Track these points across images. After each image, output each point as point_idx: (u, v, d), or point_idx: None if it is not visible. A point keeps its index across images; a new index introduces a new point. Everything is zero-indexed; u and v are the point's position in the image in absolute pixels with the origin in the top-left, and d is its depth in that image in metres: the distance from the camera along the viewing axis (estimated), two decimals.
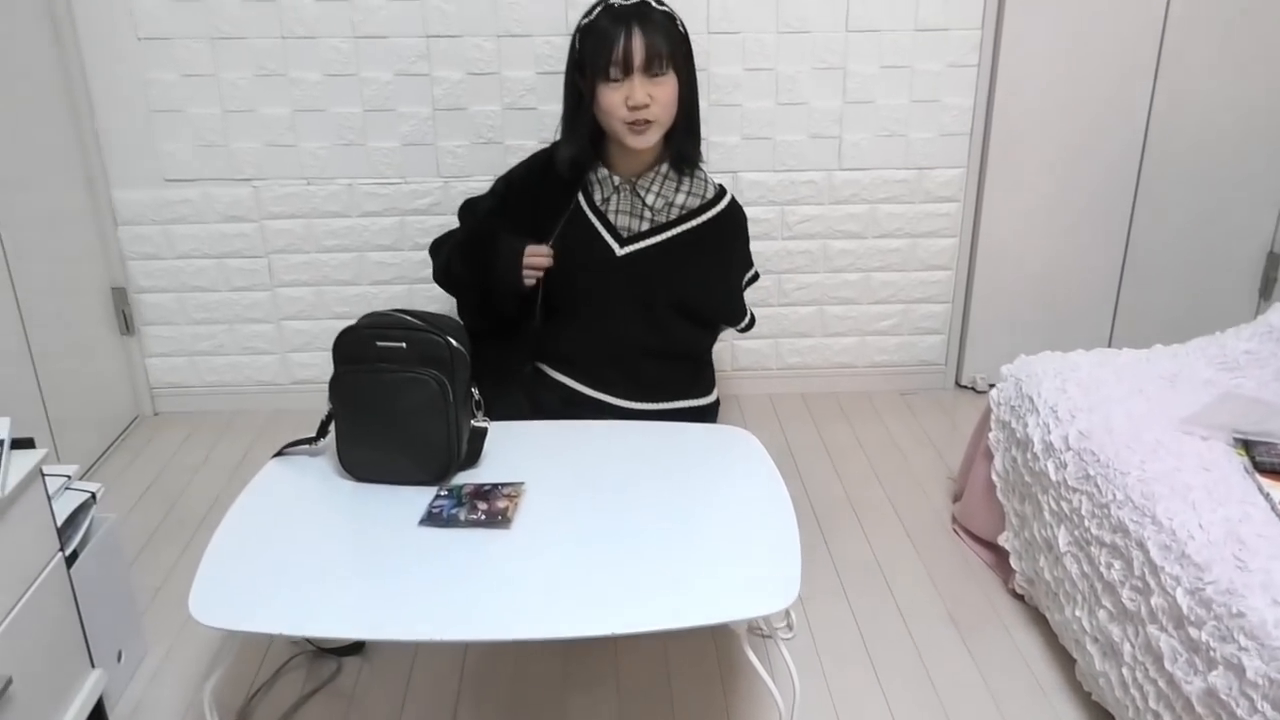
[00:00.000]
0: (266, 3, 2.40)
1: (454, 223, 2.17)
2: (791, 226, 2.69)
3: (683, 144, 1.96)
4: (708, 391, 2.12)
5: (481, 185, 2.45)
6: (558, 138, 1.99)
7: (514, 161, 2.30)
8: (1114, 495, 1.57)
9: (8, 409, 2.13)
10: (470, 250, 2.00)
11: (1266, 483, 1.49)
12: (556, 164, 1.98)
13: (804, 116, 2.58)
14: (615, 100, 1.85)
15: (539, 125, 2.53)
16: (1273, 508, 1.43)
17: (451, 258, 2.03)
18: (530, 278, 1.92)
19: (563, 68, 2.43)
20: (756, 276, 2.17)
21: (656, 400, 2.05)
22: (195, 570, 1.37)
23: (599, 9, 1.88)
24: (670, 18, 1.88)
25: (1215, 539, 1.39)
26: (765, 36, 2.50)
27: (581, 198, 2.00)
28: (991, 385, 2.84)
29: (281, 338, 2.72)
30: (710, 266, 2.04)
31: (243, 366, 2.74)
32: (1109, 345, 2.85)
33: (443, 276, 2.07)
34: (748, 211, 2.11)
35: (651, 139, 1.89)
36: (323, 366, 2.74)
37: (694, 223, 2.01)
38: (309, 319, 2.70)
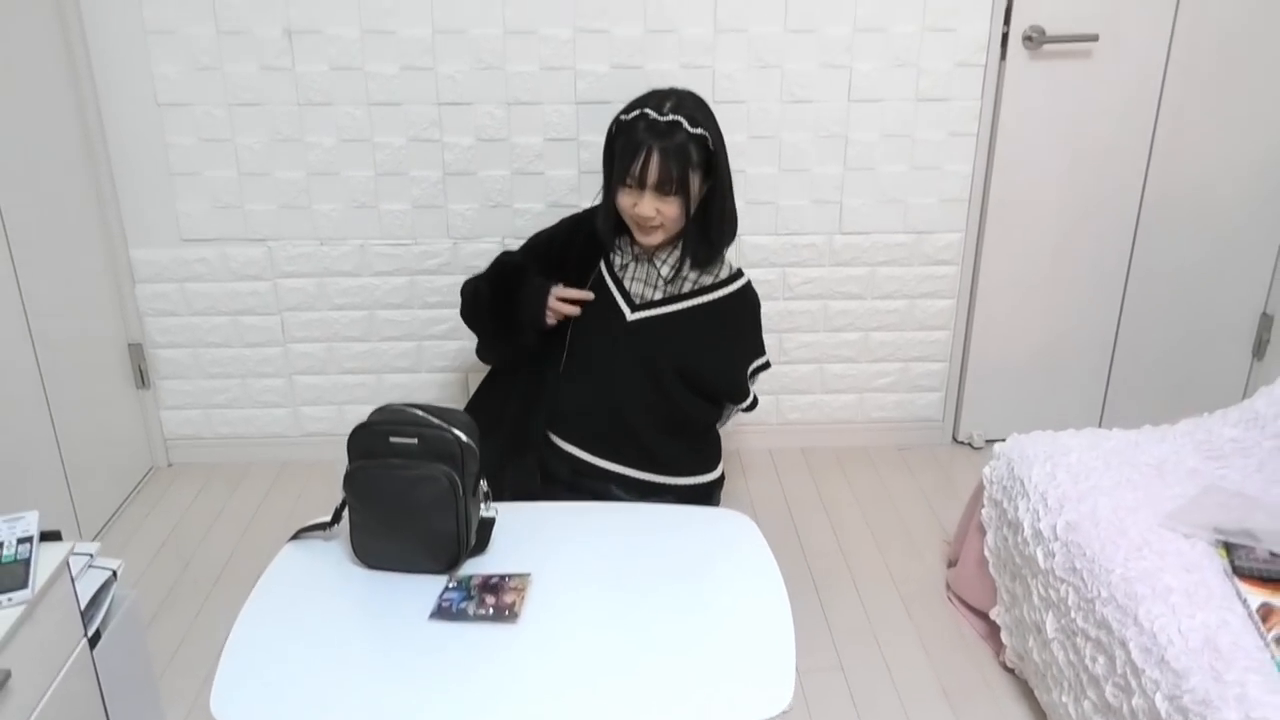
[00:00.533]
0: (283, 71, 2.46)
1: (461, 283, 2.28)
2: (793, 287, 2.75)
3: (696, 247, 2.07)
4: (713, 467, 2.20)
5: (491, 246, 2.53)
6: (597, 202, 2.14)
7: (521, 224, 2.40)
8: (1099, 591, 1.63)
9: (26, 462, 2.21)
10: (500, 278, 2.17)
11: (1245, 588, 1.55)
12: (593, 228, 2.13)
13: (806, 182, 2.64)
14: (627, 203, 2.01)
15: (546, 189, 2.60)
16: (1250, 616, 1.49)
17: (480, 285, 2.18)
18: (553, 316, 2.07)
19: (569, 135, 2.54)
20: (767, 365, 2.26)
21: (662, 473, 2.13)
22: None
23: (636, 114, 2.01)
24: (700, 140, 1.99)
25: (1193, 646, 1.44)
26: (769, 106, 2.56)
27: (603, 263, 2.11)
28: (988, 441, 2.94)
29: (293, 392, 2.78)
30: (716, 341, 2.13)
31: (255, 419, 2.81)
32: (1104, 404, 2.93)
33: (469, 307, 2.21)
34: (750, 273, 2.20)
35: (657, 239, 2.04)
36: (332, 419, 2.81)
37: (706, 298, 2.11)
38: (319, 374, 2.77)
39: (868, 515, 2.62)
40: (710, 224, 2.08)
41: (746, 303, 2.18)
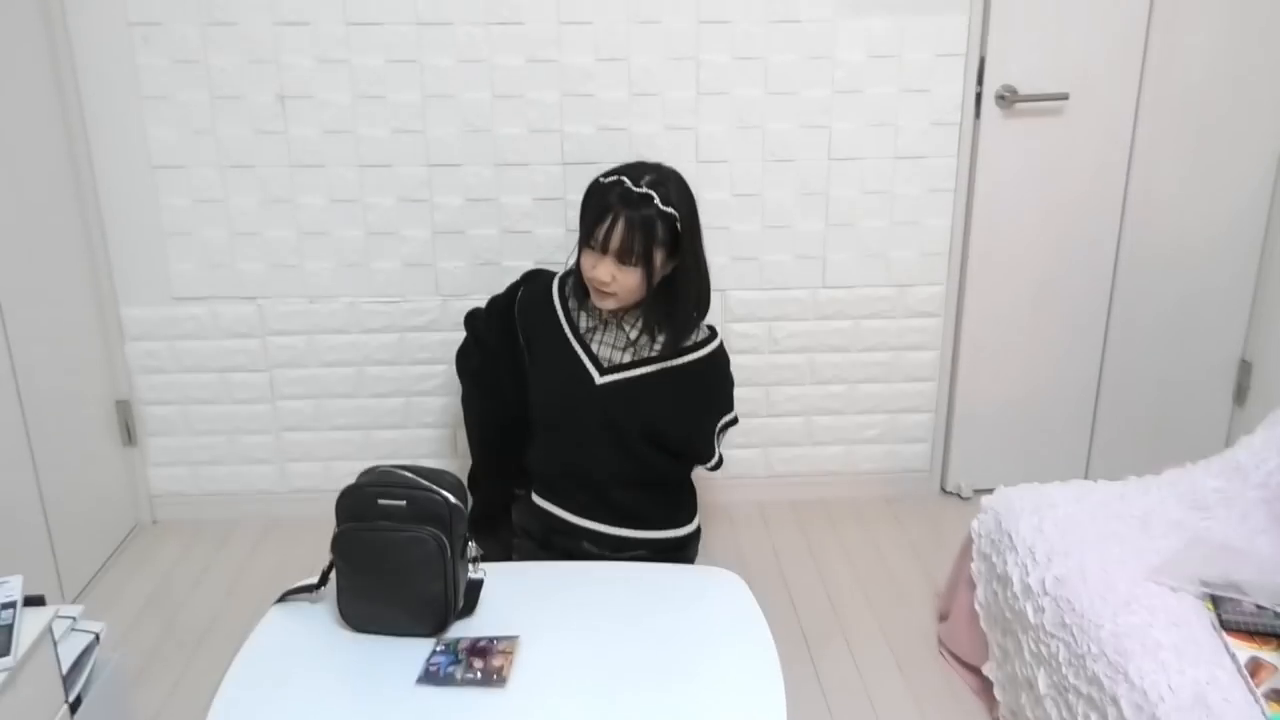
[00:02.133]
0: (276, 135, 2.50)
1: (450, 339, 2.49)
2: (778, 341, 2.77)
3: (656, 321, 2.10)
4: (688, 521, 2.21)
5: (479, 302, 2.54)
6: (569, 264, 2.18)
7: (510, 281, 2.43)
8: (1089, 647, 1.63)
9: (10, 519, 2.20)
10: (478, 449, 2.40)
11: (1233, 642, 1.56)
12: (559, 291, 2.17)
13: (789, 238, 2.68)
14: (587, 265, 2.04)
15: (535, 248, 2.63)
16: (1239, 671, 1.49)
17: (469, 390, 2.37)
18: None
19: (557, 195, 2.58)
20: (735, 421, 2.27)
21: (636, 528, 2.14)
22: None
23: (613, 179, 2.03)
24: (669, 218, 2.01)
25: (1184, 703, 1.45)
26: (751, 165, 2.60)
27: (565, 324, 2.12)
28: (976, 491, 2.95)
29: (280, 448, 2.78)
30: (684, 405, 2.15)
31: (241, 475, 2.80)
32: (1089, 450, 2.95)
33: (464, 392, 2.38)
34: (736, 328, 2.22)
35: (609, 305, 2.07)
36: (319, 476, 2.80)
37: (676, 361, 2.12)
38: (308, 430, 2.77)
39: (857, 568, 2.62)
40: (674, 303, 2.08)
41: (717, 366, 2.20)
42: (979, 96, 2.59)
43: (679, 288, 2.08)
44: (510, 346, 2.28)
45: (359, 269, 2.63)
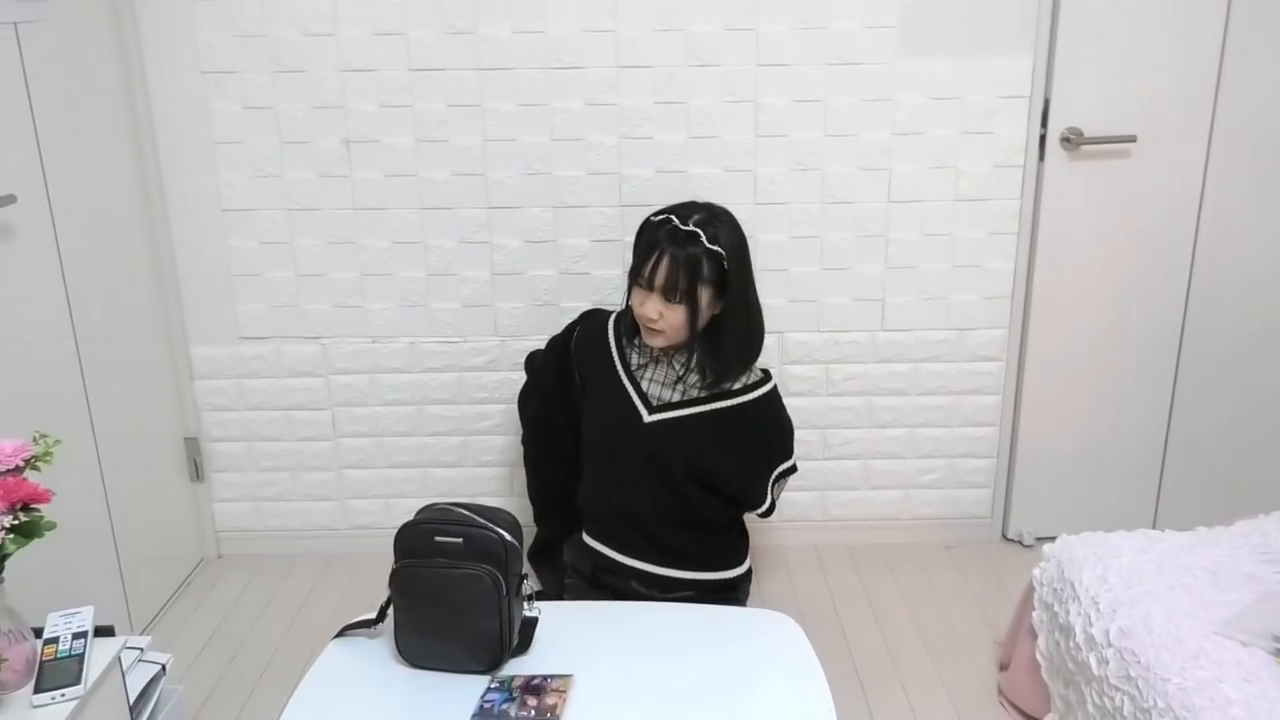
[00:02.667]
0: (341, 179, 2.58)
1: (508, 379, 2.60)
2: (836, 384, 2.76)
3: (706, 361, 2.11)
4: (738, 563, 2.19)
5: (538, 343, 2.58)
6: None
7: (567, 322, 2.46)
8: (1155, 702, 1.58)
9: (84, 553, 2.26)
10: (535, 490, 2.52)
11: None
12: (614, 329, 2.20)
13: (848, 280, 2.67)
14: (636, 301, 2.08)
15: (593, 289, 2.66)
16: None
17: (529, 439, 2.50)
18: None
19: (614, 237, 2.62)
20: (794, 469, 2.26)
21: (683, 569, 2.13)
22: None
23: (662, 218, 2.06)
24: (716, 257, 2.03)
25: None
26: (810, 206, 2.61)
27: (618, 360, 2.13)
28: (1038, 539, 2.89)
29: (341, 485, 2.83)
30: (733, 447, 2.14)
31: (303, 512, 2.85)
32: (1157, 498, 2.87)
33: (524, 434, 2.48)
34: (793, 370, 2.22)
35: (658, 343, 2.09)
36: (379, 513, 2.84)
37: (725, 403, 2.12)
38: (368, 468, 2.81)
39: (916, 615, 2.57)
40: (721, 342, 2.09)
41: (767, 409, 2.19)
42: (1043, 139, 2.57)
43: (725, 327, 2.09)
44: (566, 386, 2.31)
45: (419, 309, 2.68)
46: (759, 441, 2.19)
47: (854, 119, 2.55)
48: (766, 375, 2.19)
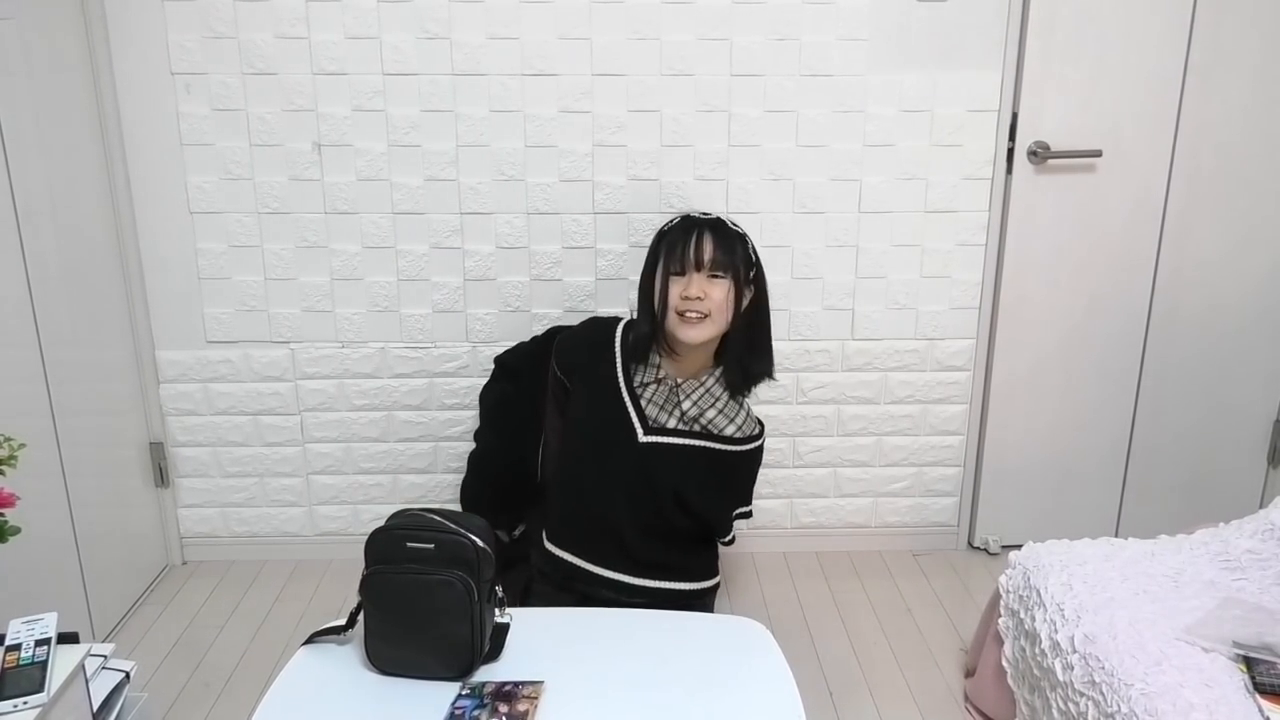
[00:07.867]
0: (312, 182, 2.56)
1: (479, 385, 2.60)
2: (806, 392, 2.77)
3: (741, 357, 2.12)
4: (708, 576, 2.22)
5: (508, 346, 2.58)
6: (632, 316, 2.23)
7: (539, 329, 2.46)
8: (1119, 707, 1.61)
9: (45, 556, 2.22)
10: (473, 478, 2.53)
11: (1266, 705, 1.53)
12: (621, 340, 2.18)
13: (818, 290, 2.69)
14: (675, 293, 2.05)
15: (565, 295, 2.66)
16: None
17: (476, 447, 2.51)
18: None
19: (587, 244, 2.62)
20: (749, 514, 2.35)
21: (655, 578, 2.15)
22: None
23: (678, 218, 2.11)
24: (741, 238, 2.09)
25: None
26: (781, 216, 2.63)
27: (620, 372, 2.13)
28: (1004, 546, 2.92)
29: (309, 491, 2.81)
30: (714, 485, 2.19)
31: (270, 518, 2.82)
32: (1120, 506, 2.91)
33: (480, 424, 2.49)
34: None
35: (699, 335, 2.04)
36: (347, 519, 2.82)
37: (718, 446, 2.15)
38: (336, 474, 2.79)
39: (883, 621, 2.59)
40: (754, 338, 2.13)
41: (753, 462, 2.26)
42: (1011, 152, 2.61)
43: (758, 320, 2.15)
44: (535, 391, 2.31)
45: (390, 314, 2.67)
46: (736, 487, 2.27)
47: (826, 130, 2.57)
48: (762, 428, 2.23)
